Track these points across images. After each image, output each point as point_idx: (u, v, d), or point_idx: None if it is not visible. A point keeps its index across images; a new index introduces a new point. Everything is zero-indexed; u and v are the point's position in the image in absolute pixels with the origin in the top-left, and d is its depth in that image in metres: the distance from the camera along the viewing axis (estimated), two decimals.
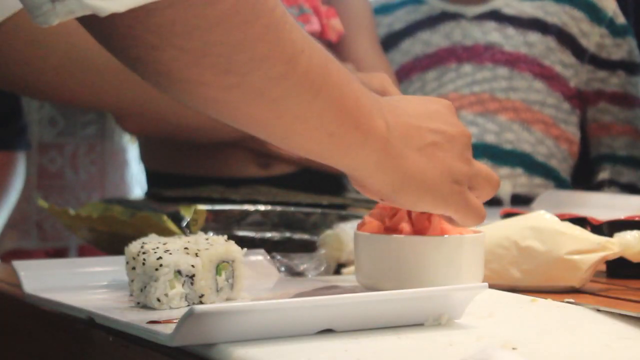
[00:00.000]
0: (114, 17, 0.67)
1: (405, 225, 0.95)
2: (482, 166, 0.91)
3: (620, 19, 1.92)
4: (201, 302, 0.88)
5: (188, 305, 0.87)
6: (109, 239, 1.15)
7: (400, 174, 0.85)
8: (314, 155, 0.83)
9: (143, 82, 0.78)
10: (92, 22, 0.70)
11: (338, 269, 1.12)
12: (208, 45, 0.71)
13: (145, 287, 0.88)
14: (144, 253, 0.88)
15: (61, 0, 0.66)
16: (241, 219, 1.16)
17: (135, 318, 0.81)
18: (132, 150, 1.78)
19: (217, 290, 0.90)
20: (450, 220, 0.91)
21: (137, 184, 1.79)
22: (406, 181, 0.85)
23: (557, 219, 1.03)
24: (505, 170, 1.84)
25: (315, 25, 1.55)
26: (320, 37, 1.57)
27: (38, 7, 0.67)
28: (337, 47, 1.62)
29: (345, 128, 0.81)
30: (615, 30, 1.91)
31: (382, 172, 0.84)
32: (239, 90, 0.75)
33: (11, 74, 1.23)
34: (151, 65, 0.73)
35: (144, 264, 0.88)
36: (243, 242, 0.95)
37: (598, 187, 1.92)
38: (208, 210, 1.13)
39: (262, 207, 1.18)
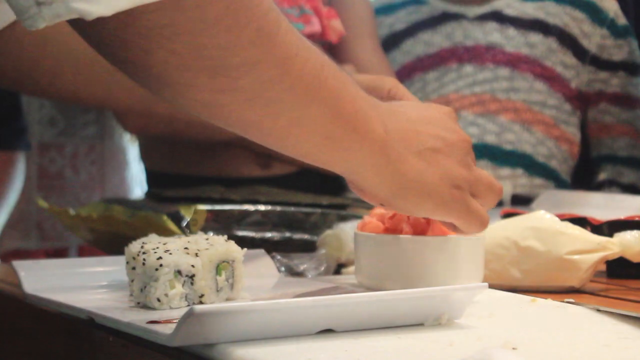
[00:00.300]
0: (102, 20, 0.67)
1: (406, 226, 0.95)
2: (484, 173, 0.90)
3: (622, 20, 1.92)
4: (201, 302, 0.88)
5: (188, 305, 0.87)
6: (109, 239, 1.15)
7: (398, 178, 0.84)
8: (310, 159, 0.83)
9: None
10: (82, 25, 0.69)
11: (338, 269, 1.12)
12: (198, 49, 0.71)
13: (145, 287, 0.88)
14: (144, 253, 0.88)
15: (47, 4, 0.65)
16: (241, 219, 1.16)
17: (135, 318, 0.81)
18: (132, 151, 1.78)
19: (217, 290, 0.90)
20: (452, 227, 0.90)
21: (137, 184, 1.78)
22: (405, 185, 0.84)
23: (557, 219, 1.03)
24: (505, 171, 1.84)
25: (316, 26, 1.55)
26: (321, 38, 1.57)
27: (25, 11, 0.66)
28: (337, 48, 1.62)
29: (341, 131, 0.80)
30: (616, 31, 1.91)
31: (381, 175, 0.84)
32: (231, 94, 0.74)
33: (22, 74, 1.23)
34: (141, 68, 0.72)
35: (144, 264, 0.88)
36: (243, 242, 0.95)
37: (598, 187, 1.92)
38: (208, 210, 1.13)
39: (262, 207, 1.18)
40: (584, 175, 1.95)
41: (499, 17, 1.90)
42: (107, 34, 0.70)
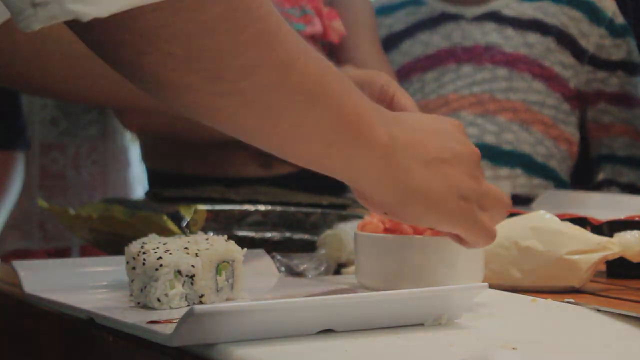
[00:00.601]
0: (98, 21, 0.66)
1: (406, 226, 0.95)
2: (492, 186, 0.88)
3: (620, 20, 1.92)
4: (201, 302, 0.88)
5: (188, 305, 0.87)
6: (109, 239, 1.15)
7: (403, 187, 0.82)
8: (312, 165, 0.81)
9: None
10: (78, 26, 0.69)
11: (338, 269, 1.12)
12: (196, 51, 0.70)
13: (145, 287, 0.88)
14: (144, 253, 0.88)
15: (43, 6, 0.65)
16: (241, 219, 1.16)
17: (135, 318, 0.81)
18: (134, 150, 1.78)
19: (217, 290, 0.90)
20: (459, 239, 0.89)
21: (139, 184, 1.78)
22: (410, 194, 0.83)
23: (557, 219, 1.03)
24: (504, 171, 1.84)
25: (317, 27, 1.55)
26: (322, 38, 1.57)
27: (20, 12, 0.66)
28: (338, 49, 1.62)
29: (344, 137, 0.79)
30: (614, 31, 1.91)
31: (384, 183, 0.82)
32: (230, 97, 0.73)
33: (14, 71, 1.23)
34: (138, 70, 0.72)
35: (144, 264, 0.88)
36: (243, 242, 0.95)
37: (597, 187, 1.92)
38: (208, 210, 1.13)
39: (262, 207, 1.18)
40: (583, 175, 1.95)
41: (497, 18, 1.90)
42: (103, 35, 0.69)
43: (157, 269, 0.87)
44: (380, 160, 0.81)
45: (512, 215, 1.11)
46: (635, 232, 1.01)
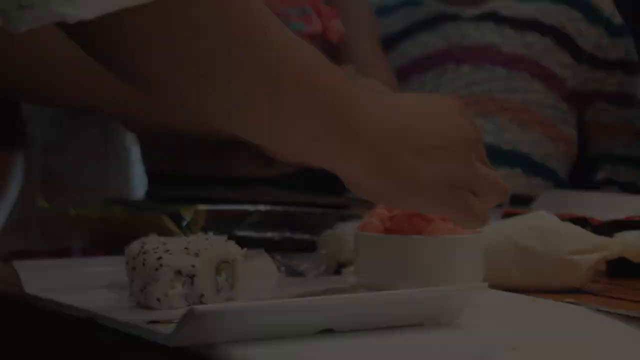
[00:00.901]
0: (85, 22, 0.67)
1: (406, 226, 0.95)
2: (489, 171, 0.88)
3: (618, 19, 1.92)
4: (201, 302, 0.88)
5: (188, 305, 0.87)
6: (109, 239, 1.15)
7: (391, 177, 0.83)
8: (300, 157, 0.83)
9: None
10: (67, 28, 0.69)
11: (338, 269, 1.12)
12: (183, 50, 0.71)
13: (145, 287, 0.88)
14: (144, 253, 0.88)
15: (29, 8, 0.65)
16: (241, 219, 1.16)
17: (135, 318, 0.81)
18: (134, 151, 1.78)
19: (217, 290, 0.90)
20: (449, 220, 0.90)
21: (139, 184, 1.78)
22: (398, 183, 0.84)
23: (557, 219, 1.03)
24: (504, 171, 1.84)
25: (317, 26, 1.55)
26: (322, 37, 1.57)
27: (7, 14, 0.66)
28: (338, 48, 1.62)
29: (328, 131, 0.80)
30: (612, 30, 1.91)
31: (370, 174, 0.83)
32: (217, 95, 0.74)
33: (11, 80, 1.23)
34: (128, 70, 0.73)
35: (144, 264, 0.88)
36: (243, 242, 0.95)
37: (596, 186, 1.92)
38: (208, 210, 1.13)
39: (262, 207, 1.18)
40: (582, 174, 1.95)
41: (495, 18, 1.90)
42: (91, 35, 0.70)
43: (157, 269, 0.87)
44: (367, 152, 0.82)
45: (512, 215, 1.11)
46: (635, 232, 1.01)
